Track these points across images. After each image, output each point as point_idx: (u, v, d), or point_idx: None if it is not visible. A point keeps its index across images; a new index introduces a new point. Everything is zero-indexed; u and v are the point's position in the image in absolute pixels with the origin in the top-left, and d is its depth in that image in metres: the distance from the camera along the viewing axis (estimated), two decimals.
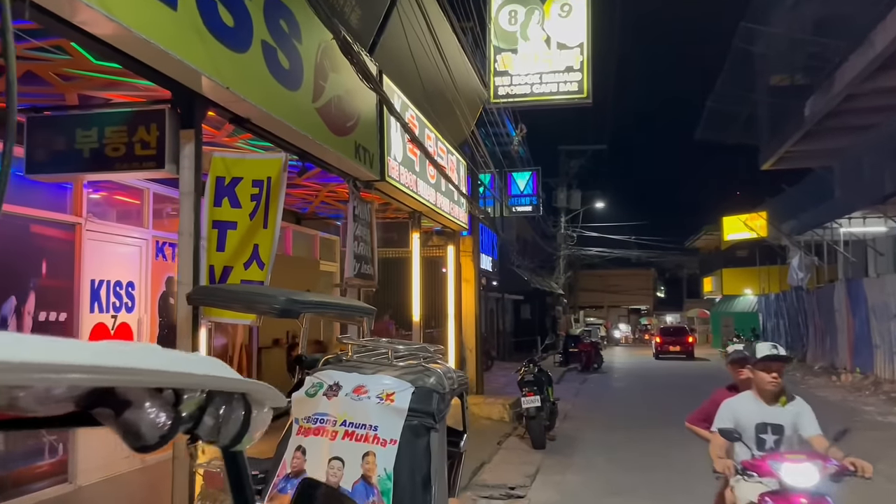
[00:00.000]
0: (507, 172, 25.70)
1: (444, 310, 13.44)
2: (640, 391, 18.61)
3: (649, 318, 63.08)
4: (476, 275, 13.85)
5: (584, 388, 18.57)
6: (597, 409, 14.49)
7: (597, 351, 25.72)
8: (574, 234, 38.52)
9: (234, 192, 4.89)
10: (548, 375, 10.97)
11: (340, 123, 6.93)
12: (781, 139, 26.70)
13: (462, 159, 13.15)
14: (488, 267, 21.07)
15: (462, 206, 13.02)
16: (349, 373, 3.75)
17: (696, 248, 54.15)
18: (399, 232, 10.94)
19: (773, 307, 30.26)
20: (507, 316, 34.64)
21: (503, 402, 12.11)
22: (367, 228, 8.19)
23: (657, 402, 15.79)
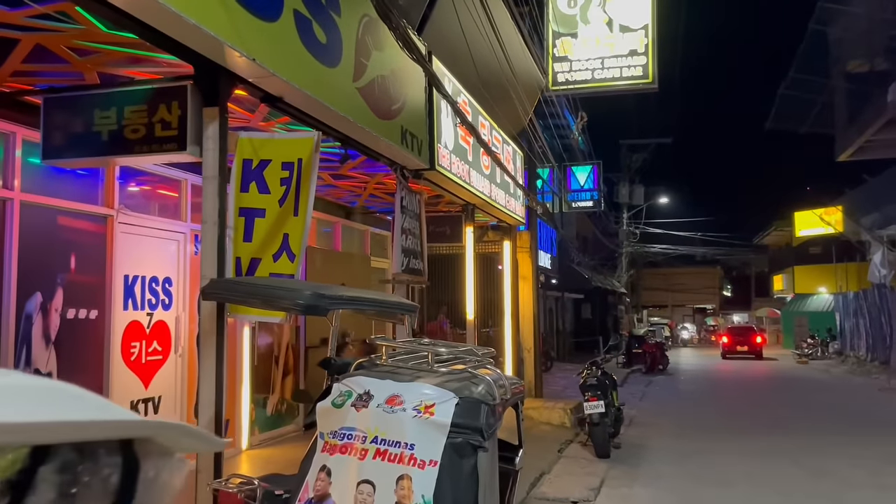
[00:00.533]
0: (567, 166, 24.88)
1: (501, 308, 12.83)
2: (710, 395, 17.59)
3: (715, 318, 60.94)
4: (534, 272, 13.20)
5: (649, 392, 17.67)
6: (664, 415, 13.63)
7: (662, 352, 24.66)
8: (637, 230, 37.28)
9: (262, 176, 4.41)
10: (612, 379, 10.24)
11: (385, 106, 6.41)
12: (861, 128, 25.10)
13: (519, 150, 12.51)
14: (547, 264, 20.35)
15: (519, 199, 12.38)
16: (382, 380, 3.20)
17: (766, 245, 51.95)
18: (452, 226, 10.39)
19: (853, 306, 28.52)
20: (566, 315, 33.74)
21: (563, 406, 11.42)
22: (415, 221, 7.67)
23: (729, 408, 14.81)
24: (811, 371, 25.30)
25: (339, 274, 10.02)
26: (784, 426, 12.24)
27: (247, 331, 7.98)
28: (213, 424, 4.26)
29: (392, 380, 3.19)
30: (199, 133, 4.38)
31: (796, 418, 13.11)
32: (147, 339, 6.49)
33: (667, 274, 60.18)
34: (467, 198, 9.56)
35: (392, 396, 3.09)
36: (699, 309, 64.78)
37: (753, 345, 31.80)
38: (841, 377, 22.53)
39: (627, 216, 36.67)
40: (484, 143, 8.98)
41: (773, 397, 16.91)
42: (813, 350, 31.55)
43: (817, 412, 13.92)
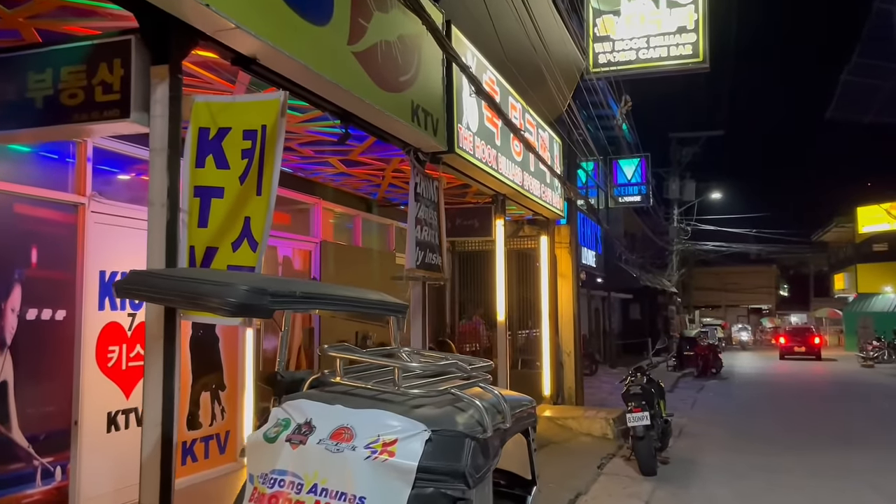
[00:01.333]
0: (613, 160, 23.74)
1: (539, 309, 11.91)
2: (768, 401, 16.32)
3: (771, 319, 58.54)
4: (574, 269, 12.24)
5: (701, 398, 16.49)
6: (717, 424, 12.51)
7: (715, 354, 23.30)
8: (688, 227, 35.74)
9: (220, 148, 3.63)
10: (659, 386, 9.24)
11: (390, 76, 5.59)
12: None
13: (556, 137, 11.58)
14: (591, 262, 19.32)
15: (556, 191, 11.45)
16: (331, 405, 2.37)
17: (825, 242, 49.58)
18: (481, 219, 9.54)
19: None
20: (614, 316, 32.46)
21: (606, 415, 10.44)
22: (433, 210, 6.84)
23: (791, 417, 13.58)
24: (878, 376, 23.61)
25: (359, 272, 9.26)
26: (855, 440, 11.02)
27: (250, 333, 7.25)
28: (159, 448, 3.50)
29: (343, 405, 2.36)
30: (145, 97, 3.63)
31: (869, 431, 11.86)
32: (128, 343, 5.80)
33: (720, 273, 58.07)
34: (496, 186, 8.68)
35: (339, 429, 2.26)
36: (754, 309, 62.39)
37: (812, 346, 31.75)
38: None
39: (678, 212, 35.19)
40: (513, 126, 8.10)
41: (839, 405, 15.57)
42: (879, 353, 29.62)
43: (893, 424, 12.61)
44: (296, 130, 6.34)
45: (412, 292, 6.94)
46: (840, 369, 26.70)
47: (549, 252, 11.90)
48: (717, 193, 37.52)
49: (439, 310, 12.49)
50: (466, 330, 13.44)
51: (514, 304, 12.66)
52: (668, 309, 36.63)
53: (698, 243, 37.99)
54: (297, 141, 6.73)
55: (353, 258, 9.40)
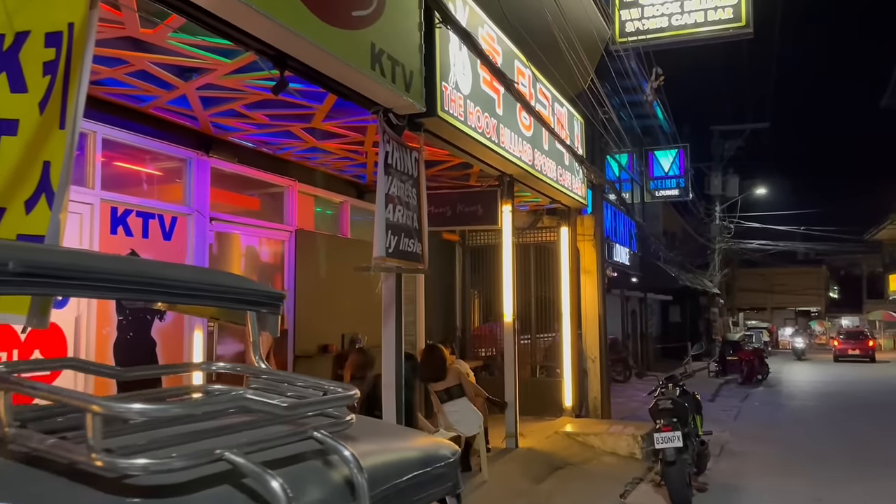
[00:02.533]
0: (649, 151, 22.22)
1: (559, 309, 10.59)
2: (822, 413, 14.66)
3: (820, 322, 55.91)
4: (599, 264, 10.87)
5: (745, 408, 14.92)
6: (764, 440, 11.01)
7: (761, 360, 21.62)
8: (731, 225, 33.81)
9: (16, 61, 2.46)
10: (694, 399, 7.86)
11: (339, 8, 4.38)
12: None
13: (577, 115, 10.25)
14: (625, 260, 17.87)
15: (578, 175, 10.11)
16: None
17: (879, 241, 46.88)
18: (486, 204, 8.29)
19: None
20: (652, 318, 30.81)
21: (634, 430, 9.06)
22: (411, 187, 5.61)
23: (849, 433, 11.97)
24: None
25: (344, 266, 8.08)
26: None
27: (198, 335, 6.12)
28: None
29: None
30: None
31: None
32: (21, 348, 4.70)
33: (765, 274, 55.62)
34: (499, 165, 7.41)
35: None
36: (802, 312, 59.68)
37: (865, 348, 32.46)
38: None
39: (720, 209, 33.30)
40: (516, 92, 6.82)
41: (885, 415, 13.87)
42: None
43: None
44: (233, 85, 5.17)
45: (384, 286, 5.72)
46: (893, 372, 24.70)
47: (570, 245, 10.56)
48: (762, 189, 35.48)
49: (447, 309, 11.25)
50: (481, 333, 12.19)
51: (533, 304, 11.38)
52: (711, 311, 34.74)
53: (742, 242, 35.99)
54: (242, 102, 5.56)
55: (337, 250, 8.22)
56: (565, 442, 8.68)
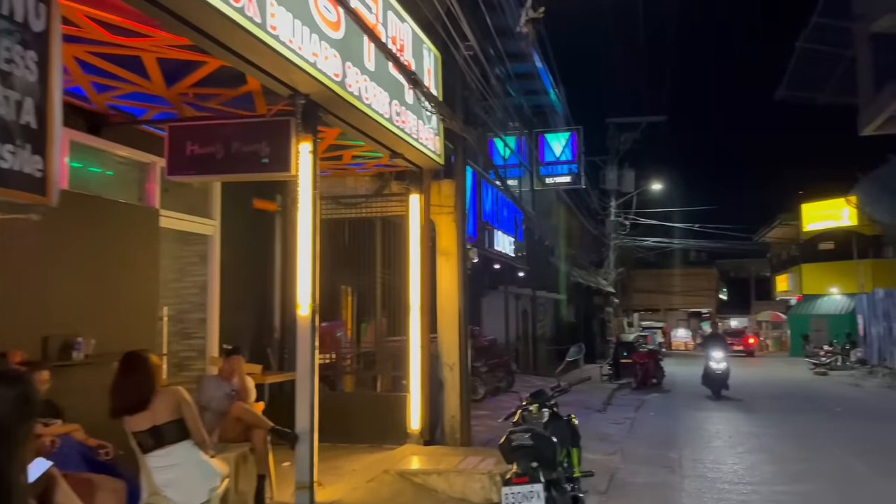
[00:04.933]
0: (539, 133, 20.19)
1: (406, 301, 8.09)
2: (724, 421, 12.82)
3: (712, 322, 56.38)
4: (460, 245, 8.42)
5: (640, 420, 12.90)
6: (663, 462, 8.89)
7: (656, 362, 19.95)
8: (626, 221, 32.53)
9: None
10: (569, 427, 5.52)
11: None
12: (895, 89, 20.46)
13: (431, 46, 7.78)
14: (509, 251, 15.68)
15: (430, 124, 7.63)
16: None
17: (767, 243, 47.39)
18: (273, 139, 5.54)
19: (882, 307, 23.86)
20: (545, 318, 29.00)
21: (495, 465, 6.58)
22: (22, 47, 2.90)
23: (761, 448, 10.04)
24: (838, 386, 20.63)
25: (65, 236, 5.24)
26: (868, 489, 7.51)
27: None
28: None
29: None
30: None
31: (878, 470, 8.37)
32: None
33: (659, 274, 55.80)
34: (275, 69, 4.79)
35: None
36: (694, 313, 60.24)
37: (746, 345, 39.22)
38: (881, 394, 17.85)
39: (615, 204, 31.95)
40: None
41: (816, 428, 12.18)
42: (832, 359, 26.89)
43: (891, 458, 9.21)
44: None
45: None
46: (793, 378, 23.76)
47: (422, 218, 8.07)
48: (657, 184, 34.44)
49: (260, 304, 8.53)
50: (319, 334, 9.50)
51: (380, 295, 8.84)
52: (605, 311, 33.39)
53: (638, 238, 34.90)
54: None
55: (57, 213, 5.35)
56: (395, 487, 6.13)
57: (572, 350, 5.96)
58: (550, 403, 5.56)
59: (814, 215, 37.90)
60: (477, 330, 16.02)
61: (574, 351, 5.95)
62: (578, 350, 5.99)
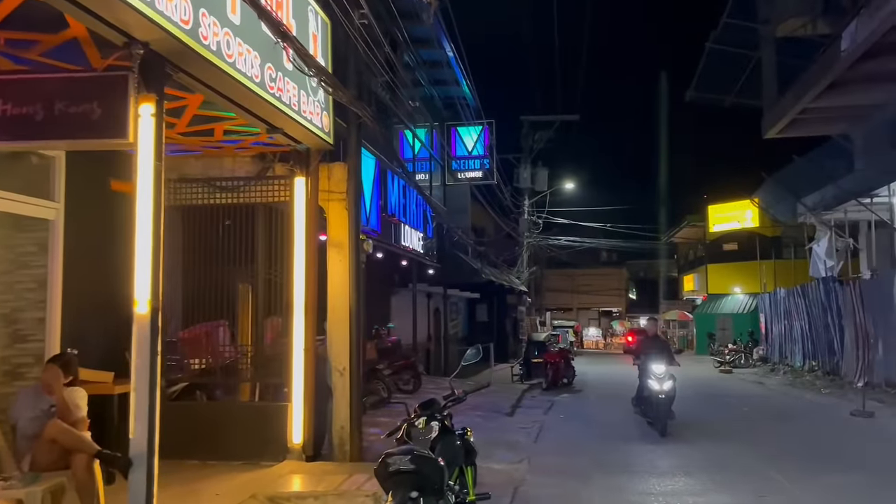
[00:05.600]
0: (451, 126, 19.51)
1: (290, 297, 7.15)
2: (636, 424, 12.39)
3: (622, 322, 57.62)
4: (353, 235, 7.54)
5: (549, 422, 12.35)
6: (574, 472, 8.27)
7: (567, 362, 19.65)
8: (539, 220, 32.36)
9: None
10: (462, 443, 4.76)
11: None
12: (798, 93, 20.85)
13: (322, 14, 6.88)
14: (417, 246, 14.89)
15: (316, 96, 6.73)
16: None
17: (675, 244, 48.56)
18: (105, 98, 4.54)
19: (783, 306, 24.44)
20: (458, 318, 28.42)
21: None
22: None
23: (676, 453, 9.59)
24: (742, 383, 20.84)
25: None
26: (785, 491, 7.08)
27: None
28: None
29: None
30: None
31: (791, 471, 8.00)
32: None
33: (571, 274, 56.48)
34: (107, 14, 3.82)
35: None
36: (605, 312, 61.33)
37: None
38: (783, 392, 18.04)
39: (529, 203, 31.73)
40: None
41: (727, 429, 11.93)
42: (735, 357, 27.44)
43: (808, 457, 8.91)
44: None
45: None
46: (700, 376, 23.91)
47: (308, 204, 7.16)
48: (570, 184, 34.48)
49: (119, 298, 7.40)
50: (194, 337, 8.40)
51: (262, 292, 7.86)
52: (518, 310, 33.12)
53: (550, 237, 34.85)
54: None
55: None
56: None
57: (469, 352, 5.21)
58: (443, 415, 4.78)
59: (719, 217, 38.92)
60: (384, 330, 15.16)
61: (471, 353, 5.20)
62: (476, 353, 5.23)
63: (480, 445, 9.56)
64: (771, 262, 35.60)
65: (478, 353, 5.23)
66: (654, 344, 11.66)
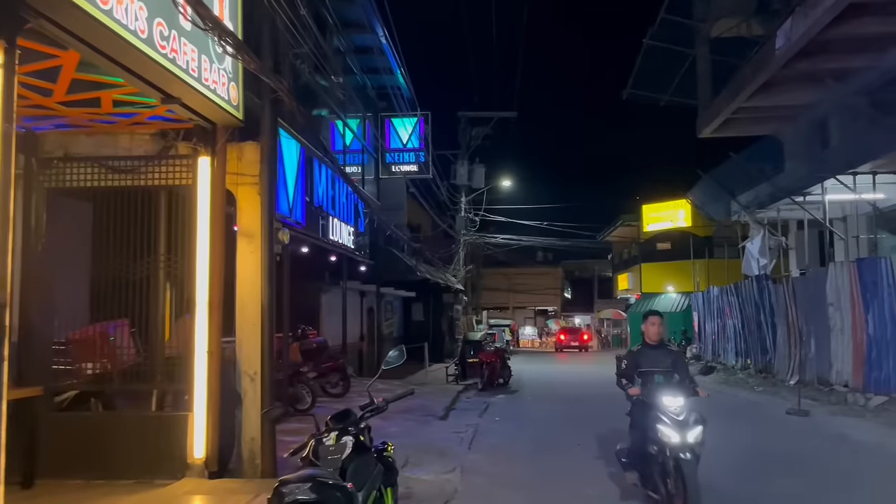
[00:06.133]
0: (386, 118, 18.75)
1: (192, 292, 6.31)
2: (578, 425, 11.94)
3: (557, 320, 57.90)
4: (265, 224, 6.74)
5: (483, 427, 11.75)
6: (508, 482, 7.68)
7: (503, 361, 19.17)
8: (476, 218, 31.90)
9: None
10: (379, 460, 4.07)
11: None
12: (733, 92, 20.94)
13: None
14: (348, 242, 14.10)
15: (223, 64, 5.92)
16: None
17: (610, 243, 48.96)
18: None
19: (716, 304, 24.59)
20: (393, 317, 27.68)
21: None
22: None
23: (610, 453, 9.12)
24: None
25: None
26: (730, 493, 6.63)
27: None
28: None
29: None
30: None
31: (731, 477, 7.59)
32: None
33: (508, 274, 56.49)
34: None
35: None
36: (541, 311, 61.56)
37: (581, 341, 43.32)
38: (718, 390, 17.92)
39: (466, 200, 31.21)
40: None
41: None
42: None
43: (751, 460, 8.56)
44: None
45: None
46: None
47: (213, 187, 6.35)
48: (507, 182, 34.15)
49: None
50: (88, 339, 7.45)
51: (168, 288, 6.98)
52: (455, 309, 32.57)
53: (487, 235, 34.45)
54: None
55: None
56: None
57: (391, 354, 4.53)
58: (359, 428, 4.08)
59: (653, 217, 39.27)
60: (311, 330, 14.32)
61: (393, 356, 4.52)
62: (399, 354, 4.56)
63: (410, 452, 8.93)
64: (704, 261, 36.10)
65: (401, 354, 4.56)
66: (660, 356, 6.37)
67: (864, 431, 10.75)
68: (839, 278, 14.51)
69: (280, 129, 9.65)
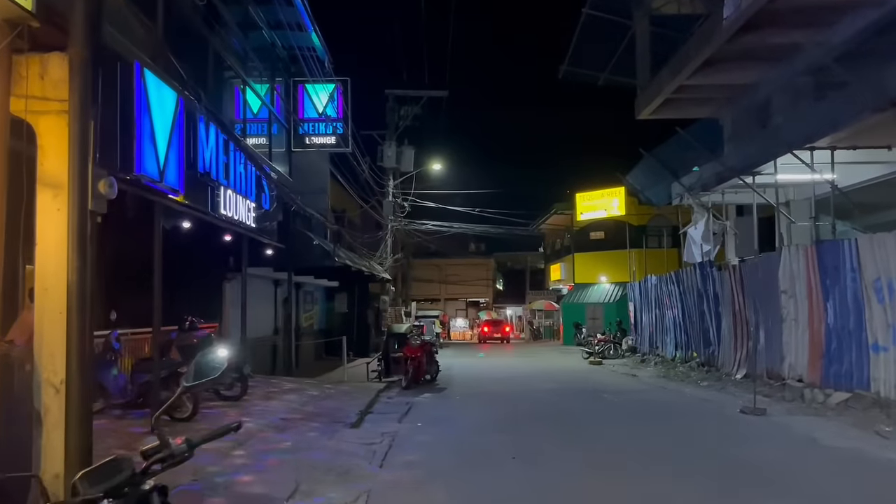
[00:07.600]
0: (299, 83, 16.67)
1: None
2: (512, 431, 10.26)
3: (489, 312, 56.69)
4: (78, 171, 4.73)
5: (403, 434, 9.94)
6: None
7: (430, 356, 17.48)
8: (405, 203, 30.05)
9: None
10: None
11: None
12: (675, 70, 19.70)
13: None
14: (248, 220, 12.04)
15: None
16: None
17: (543, 233, 47.90)
18: None
19: (654, 294, 23.49)
20: (314, 308, 25.59)
21: None
22: None
23: (558, 466, 7.47)
24: (614, 376, 19.50)
25: None
26: None
27: None
28: None
29: None
30: None
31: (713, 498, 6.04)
32: None
33: (440, 265, 55.06)
34: None
35: None
36: (473, 302, 60.26)
37: (503, 333, 44.96)
38: (660, 385, 16.72)
39: (394, 184, 29.32)
40: None
41: (612, 434, 10.08)
42: (605, 348, 26.43)
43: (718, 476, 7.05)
44: None
45: None
46: (570, 368, 22.56)
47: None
48: (438, 165, 32.42)
49: None
50: None
51: None
52: (382, 300, 30.68)
53: (416, 222, 32.66)
54: None
55: None
56: None
57: (199, 361, 2.63)
58: (141, 490, 2.23)
59: (586, 205, 38.21)
60: (199, 321, 12.23)
61: (205, 362, 2.62)
62: (212, 360, 2.65)
63: (303, 475, 7.08)
64: (641, 250, 35.26)
65: (222, 361, 2.66)
66: None
67: (832, 435, 9.44)
68: (794, 263, 13.32)
69: (147, 70, 7.62)
